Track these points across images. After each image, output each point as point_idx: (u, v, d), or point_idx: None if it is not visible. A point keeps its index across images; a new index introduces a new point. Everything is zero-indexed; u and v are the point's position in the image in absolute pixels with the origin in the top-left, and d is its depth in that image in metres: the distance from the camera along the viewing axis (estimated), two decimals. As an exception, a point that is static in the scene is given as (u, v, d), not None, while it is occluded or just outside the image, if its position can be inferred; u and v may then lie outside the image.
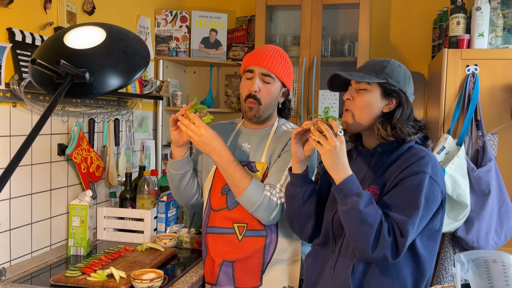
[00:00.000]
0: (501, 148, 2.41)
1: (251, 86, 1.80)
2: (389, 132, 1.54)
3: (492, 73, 2.41)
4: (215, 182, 1.89)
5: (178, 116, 1.73)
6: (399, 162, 1.52)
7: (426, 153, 1.52)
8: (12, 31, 1.91)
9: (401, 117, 1.54)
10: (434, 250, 1.55)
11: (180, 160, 1.85)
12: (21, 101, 1.98)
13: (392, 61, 1.59)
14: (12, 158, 0.94)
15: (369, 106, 1.55)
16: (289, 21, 3.27)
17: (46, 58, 1.13)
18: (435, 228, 1.53)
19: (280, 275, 1.82)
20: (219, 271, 1.84)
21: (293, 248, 1.84)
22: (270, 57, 1.80)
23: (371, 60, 1.63)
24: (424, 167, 1.46)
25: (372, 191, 1.53)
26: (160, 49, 3.19)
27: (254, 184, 1.72)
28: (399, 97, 1.55)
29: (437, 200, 1.48)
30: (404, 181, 1.46)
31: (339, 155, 1.44)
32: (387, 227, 1.40)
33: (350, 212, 1.42)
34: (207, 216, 1.90)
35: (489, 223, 2.29)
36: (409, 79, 1.58)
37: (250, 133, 1.92)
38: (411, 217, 1.41)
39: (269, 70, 1.80)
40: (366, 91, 1.56)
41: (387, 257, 1.40)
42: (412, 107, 1.59)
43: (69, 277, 1.78)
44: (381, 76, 1.54)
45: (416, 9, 3.24)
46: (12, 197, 1.98)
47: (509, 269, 1.15)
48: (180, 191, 1.94)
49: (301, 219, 1.68)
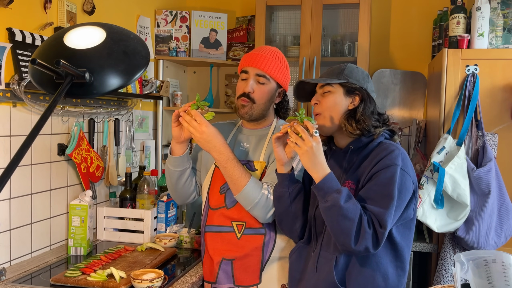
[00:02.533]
0: (501, 148, 2.41)
1: (245, 87, 1.84)
2: (354, 126, 1.62)
3: (492, 73, 2.41)
4: (214, 180, 1.90)
5: (180, 112, 1.75)
6: (371, 156, 1.60)
7: (396, 146, 1.60)
8: (12, 31, 1.91)
9: (364, 111, 1.63)
10: (410, 238, 1.64)
11: (180, 157, 1.86)
12: (21, 101, 1.98)
13: (349, 64, 1.70)
14: (12, 158, 0.94)
15: (335, 105, 1.65)
16: (289, 21, 3.27)
17: (46, 58, 1.13)
18: (409, 216, 1.60)
19: (279, 272, 1.84)
20: (218, 270, 1.85)
21: (291, 245, 1.86)
22: (265, 58, 1.83)
23: (330, 67, 1.74)
24: (394, 159, 1.54)
25: (348, 186, 1.61)
26: (160, 49, 3.19)
27: (252, 182, 1.74)
28: (361, 94, 1.65)
29: (409, 190, 1.56)
30: (378, 174, 1.54)
31: (316, 154, 1.52)
32: (366, 219, 1.48)
33: (331, 208, 1.48)
34: (206, 214, 1.92)
35: (489, 223, 2.29)
36: (368, 78, 1.69)
37: (248, 133, 1.94)
38: (388, 208, 1.49)
39: (264, 71, 1.82)
40: (330, 93, 1.66)
41: (368, 248, 1.48)
42: (375, 102, 1.68)
43: (69, 277, 1.78)
44: (341, 77, 1.65)
45: (416, 9, 3.24)
46: (12, 197, 1.98)
47: (509, 269, 1.15)
48: (178, 189, 1.95)
49: (289, 218, 1.73)
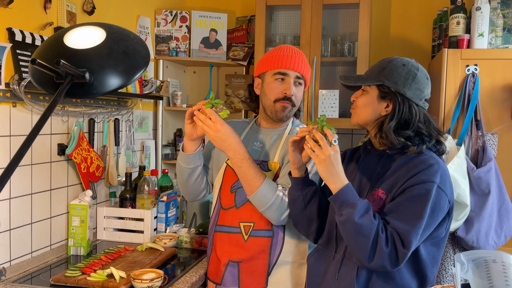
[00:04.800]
0: (501, 148, 2.40)
1: (286, 89, 1.80)
2: (379, 140, 1.54)
3: (492, 73, 2.41)
4: (225, 179, 1.87)
5: (195, 111, 1.72)
6: (407, 167, 1.48)
7: (436, 160, 1.48)
8: (12, 31, 1.91)
9: (390, 125, 1.50)
10: (437, 257, 1.53)
11: (192, 154, 1.83)
12: (21, 101, 1.98)
13: (396, 61, 1.54)
14: (12, 158, 0.94)
15: (367, 106, 1.56)
16: (289, 21, 3.27)
17: (46, 58, 1.13)
18: (440, 236, 1.51)
19: (286, 277, 1.80)
20: (224, 271, 1.82)
21: (300, 250, 1.82)
22: (301, 61, 1.83)
23: (380, 60, 1.60)
24: (432, 175, 1.43)
25: (378, 195, 1.51)
26: (160, 49, 3.19)
27: (267, 183, 1.71)
28: (395, 100, 1.51)
29: (443, 210, 1.45)
30: (411, 189, 1.43)
31: (333, 164, 1.44)
32: (384, 237, 1.39)
33: (345, 223, 1.42)
34: (217, 214, 1.88)
35: (489, 223, 2.28)
36: (413, 79, 1.51)
37: (263, 133, 1.91)
38: (414, 227, 1.39)
39: (302, 74, 1.83)
40: (365, 93, 1.58)
41: (385, 266, 1.41)
42: (418, 110, 1.51)
43: (69, 277, 1.78)
44: (377, 78, 1.53)
45: (416, 9, 3.24)
46: (12, 197, 1.98)
47: (509, 269, 1.15)
48: (188, 186, 1.91)
49: (304, 221, 1.68)
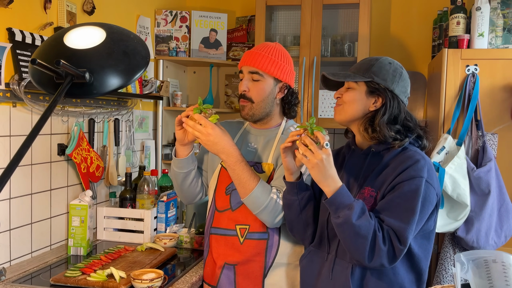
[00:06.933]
0: (501, 148, 2.40)
1: (240, 86, 1.81)
2: (370, 134, 1.54)
3: (492, 73, 2.41)
4: (220, 181, 1.86)
5: (183, 118, 1.70)
6: (394, 164, 1.51)
7: (421, 156, 1.51)
8: (12, 31, 1.91)
9: (383, 118, 1.52)
10: (429, 249, 1.56)
11: (184, 159, 1.83)
12: (21, 101, 1.98)
13: (382, 59, 1.57)
14: (12, 158, 0.94)
15: (354, 102, 1.56)
16: (289, 21, 3.27)
17: (46, 58, 1.13)
18: (429, 228, 1.53)
19: (282, 279, 1.79)
20: (220, 274, 1.81)
21: (295, 251, 1.82)
22: (257, 55, 1.78)
23: (363, 59, 1.63)
24: (420, 171, 1.46)
25: (367, 193, 1.52)
26: (160, 49, 3.19)
27: (260, 185, 1.69)
28: (385, 96, 1.53)
29: (432, 203, 1.48)
30: (401, 185, 1.45)
31: (326, 167, 1.43)
32: (381, 236, 1.41)
33: (343, 225, 1.42)
34: (212, 216, 1.87)
35: (489, 223, 2.28)
36: (400, 77, 1.55)
37: (256, 134, 1.90)
38: (409, 223, 1.41)
39: (256, 68, 1.78)
40: (352, 89, 1.58)
41: (383, 264, 1.42)
42: (403, 106, 1.56)
43: (69, 277, 1.78)
44: (366, 75, 1.54)
45: (416, 9, 3.24)
46: (12, 197, 1.98)
47: (509, 269, 1.15)
48: (183, 190, 1.92)
49: (300, 226, 1.67)
